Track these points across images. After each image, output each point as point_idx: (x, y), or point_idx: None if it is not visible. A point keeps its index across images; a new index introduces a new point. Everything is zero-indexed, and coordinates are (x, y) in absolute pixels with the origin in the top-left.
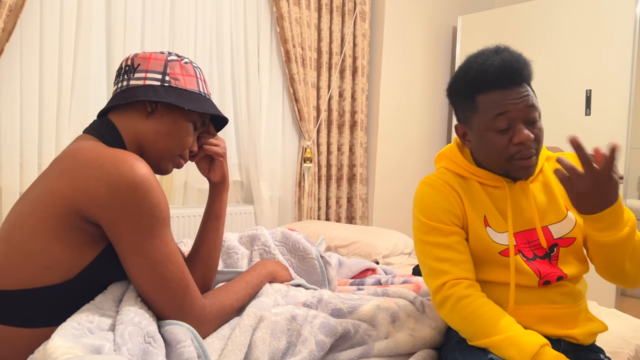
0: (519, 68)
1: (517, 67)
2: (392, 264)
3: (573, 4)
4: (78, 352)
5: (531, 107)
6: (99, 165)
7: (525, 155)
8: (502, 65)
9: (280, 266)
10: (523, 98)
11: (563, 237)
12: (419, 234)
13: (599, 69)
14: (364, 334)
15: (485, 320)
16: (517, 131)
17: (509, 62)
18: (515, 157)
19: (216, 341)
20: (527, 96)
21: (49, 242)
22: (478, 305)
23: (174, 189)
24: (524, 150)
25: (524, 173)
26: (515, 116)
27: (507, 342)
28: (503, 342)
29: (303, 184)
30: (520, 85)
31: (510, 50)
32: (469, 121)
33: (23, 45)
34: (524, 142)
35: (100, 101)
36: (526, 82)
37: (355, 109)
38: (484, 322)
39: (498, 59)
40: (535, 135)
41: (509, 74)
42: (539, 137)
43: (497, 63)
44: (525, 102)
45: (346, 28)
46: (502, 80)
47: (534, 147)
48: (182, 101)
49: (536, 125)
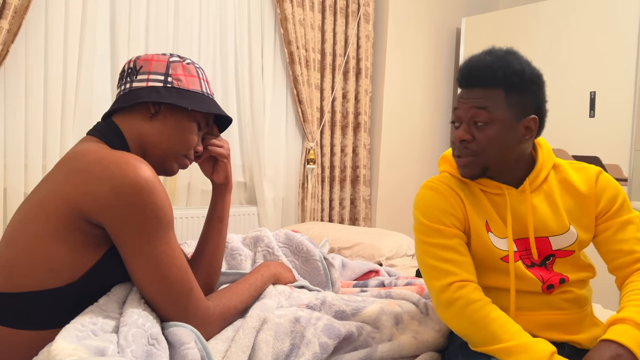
0: (476, 70)
1: (475, 68)
2: (396, 265)
3: (577, 6)
4: (82, 353)
5: (479, 109)
6: (102, 167)
7: (458, 154)
8: (466, 65)
9: (284, 268)
10: (473, 99)
11: (561, 249)
12: (420, 235)
13: (603, 71)
14: (368, 336)
15: (497, 326)
16: (456, 128)
17: (471, 63)
18: (454, 153)
19: (220, 343)
20: (478, 99)
21: (52, 245)
22: (489, 311)
23: (178, 190)
24: (457, 148)
25: (461, 171)
26: (461, 114)
27: (519, 349)
28: (514, 349)
29: (306, 186)
30: (477, 87)
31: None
32: None
33: (28, 47)
34: (455, 139)
35: (104, 103)
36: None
37: (359, 110)
38: (496, 327)
39: (471, 58)
40: (477, 138)
41: (465, 75)
42: (480, 141)
43: (465, 63)
44: (473, 103)
45: (350, 30)
46: (461, 80)
47: (472, 149)
48: (184, 101)
49: (483, 130)
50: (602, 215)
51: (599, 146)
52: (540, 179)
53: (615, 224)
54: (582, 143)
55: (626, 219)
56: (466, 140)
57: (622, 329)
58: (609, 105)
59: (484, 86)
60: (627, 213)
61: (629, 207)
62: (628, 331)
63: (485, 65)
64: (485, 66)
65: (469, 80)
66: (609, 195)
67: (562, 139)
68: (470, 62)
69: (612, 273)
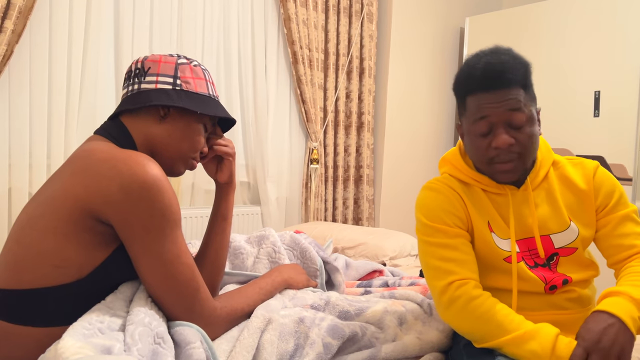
0: (502, 71)
1: (500, 70)
2: (399, 265)
3: (581, 5)
4: (88, 352)
5: (515, 111)
6: (111, 165)
7: (503, 160)
8: (486, 67)
9: (297, 272)
10: (506, 102)
11: (564, 247)
12: (422, 236)
13: (608, 70)
14: (372, 336)
15: (502, 317)
16: (495, 135)
17: (493, 65)
18: (495, 160)
19: (224, 343)
20: (510, 100)
21: (60, 242)
22: (491, 304)
23: (182, 189)
24: (502, 154)
25: (504, 177)
26: (495, 120)
27: (527, 337)
28: (522, 337)
29: (310, 185)
30: (503, 88)
31: (502, 52)
32: (462, 122)
33: (32, 47)
34: (499, 146)
35: (108, 103)
36: (515, 85)
37: (362, 110)
38: (501, 318)
39: (484, 61)
40: (519, 140)
41: (491, 76)
42: (523, 143)
43: (482, 65)
44: (508, 105)
45: (353, 29)
46: (484, 83)
47: (516, 152)
48: (194, 105)
49: (522, 130)
50: (601, 210)
51: (604, 146)
52: (541, 177)
53: (614, 219)
54: (587, 143)
55: (624, 214)
56: (511, 144)
57: (616, 301)
58: (614, 104)
59: (507, 87)
60: (624, 207)
61: (626, 201)
62: (621, 303)
63: (510, 66)
64: (511, 66)
65: (494, 83)
66: (607, 190)
67: (567, 138)
68: (490, 65)
69: (611, 267)
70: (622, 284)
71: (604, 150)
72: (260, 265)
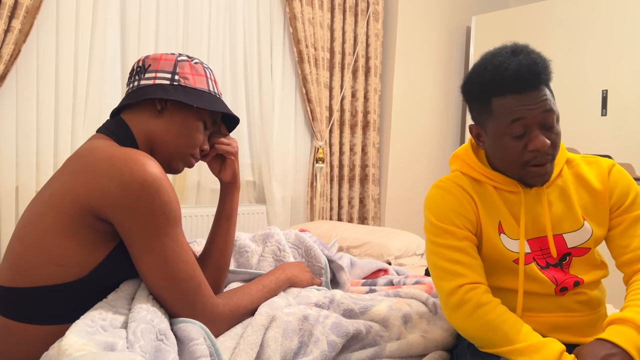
0: (537, 72)
1: (534, 70)
2: (405, 264)
3: (588, 3)
4: (92, 348)
5: (549, 112)
6: (111, 164)
7: (540, 162)
8: (520, 68)
9: (301, 270)
10: (540, 103)
11: (577, 247)
12: (430, 236)
13: (615, 69)
14: (376, 334)
15: (509, 326)
16: (532, 138)
17: (526, 66)
18: (531, 163)
19: (228, 340)
20: (545, 101)
21: (61, 240)
22: (500, 312)
23: (187, 188)
24: (539, 157)
25: (539, 180)
26: (531, 122)
27: (531, 349)
28: (527, 349)
29: (315, 184)
30: (537, 89)
31: (528, 51)
32: (483, 124)
33: (39, 47)
34: (539, 149)
35: (114, 102)
36: (545, 85)
37: (368, 109)
38: (508, 328)
39: (515, 62)
40: (552, 140)
41: (526, 78)
42: (555, 143)
43: (514, 66)
44: (543, 107)
45: (359, 28)
46: (519, 85)
47: (550, 153)
48: (190, 99)
49: (553, 130)
50: (615, 210)
51: (611, 145)
52: (554, 175)
53: (628, 219)
54: (594, 141)
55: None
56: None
57: (621, 329)
58: (621, 103)
59: (537, 87)
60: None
61: None
62: (626, 332)
63: (543, 66)
64: (544, 66)
65: (528, 85)
66: (622, 189)
67: (574, 137)
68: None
69: (619, 269)
70: (627, 303)
71: (611, 149)
72: (265, 263)
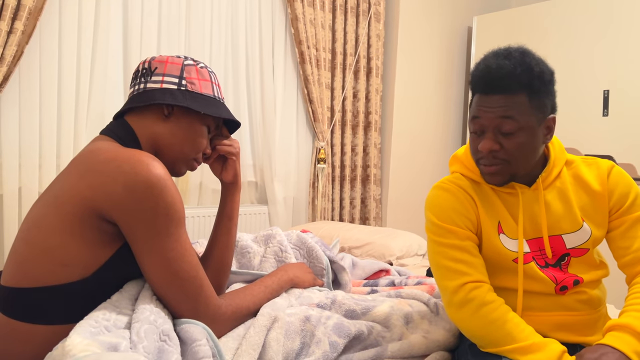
0: (499, 77)
1: (497, 75)
2: (406, 265)
3: (590, 4)
4: (95, 349)
5: (505, 118)
6: (116, 165)
7: (486, 163)
8: (485, 70)
9: (303, 271)
10: (498, 108)
11: (576, 247)
12: (432, 235)
13: (617, 69)
14: (378, 335)
15: (512, 326)
16: (482, 138)
17: (490, 69)
18: (480, 162)
19: (230, 341)
20: (503, 107)
21: (65, 240)
22: (504, 312)
23: (189, 189)
24: (485, 158)
25: (489, 179)
26: (486, 123)
27: (534, 348)
28: (530, 348)
29: (317, 185)
30: (501, 93)
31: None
32: None
33: (42, 48)
34: (480, 150)
35: (117, 103)
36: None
37: (369, 109)
38: (511, 327)
39: (494, 64)
40: (506, 147)
41: (487, 81)
42: (510, 150)
43: (482, 67)
44: (499, 112)
45: (360, 29)
46: (482, 86)
47: (501, 158)
48: (198, 105)
49: (512, 137)
50: (615, 211)
51: (613, 145)
52: (553, 176)
53: (628, 220)
54: (596, 142)
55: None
56: (495, 150)
57: (619, 336)
58: (623, 103)
59: (506, 93)
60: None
61: None
62: (624, 339)
63: (508, 72)
64: (508, 72)
65: (490, 87)
66: (621, 191)
67: (575, 138)
68: (489, 68)
69: (621, 270)
70: (626, 309)
71: (612, 150)
72: (267, 264)
